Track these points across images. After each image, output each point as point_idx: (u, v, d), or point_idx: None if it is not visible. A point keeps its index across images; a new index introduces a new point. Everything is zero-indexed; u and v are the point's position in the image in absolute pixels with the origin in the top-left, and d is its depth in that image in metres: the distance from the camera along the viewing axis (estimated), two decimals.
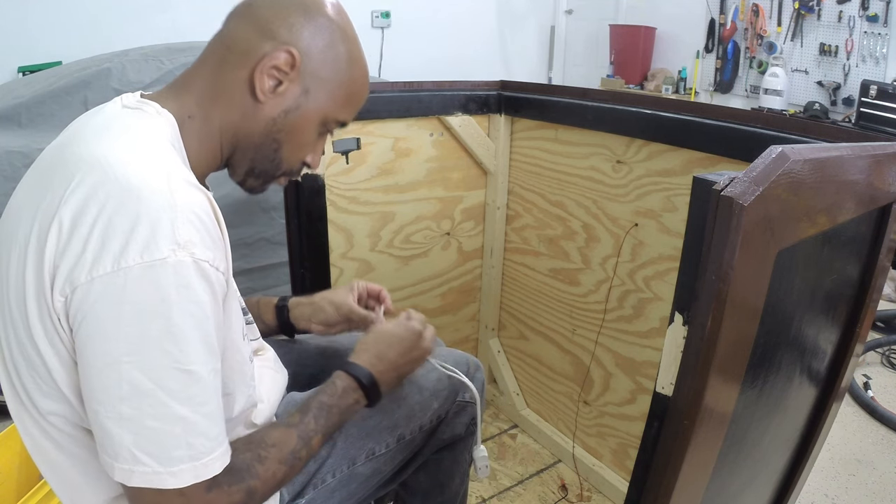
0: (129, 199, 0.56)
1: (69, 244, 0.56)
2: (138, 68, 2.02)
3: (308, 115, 0.73)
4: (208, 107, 0.71)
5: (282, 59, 0.69)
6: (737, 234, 0.58)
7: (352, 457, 0.91)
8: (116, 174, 0.58)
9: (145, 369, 0.56)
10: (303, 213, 1.35)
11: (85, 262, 0.55)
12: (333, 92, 0.74)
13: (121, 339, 0.56)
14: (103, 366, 0.56)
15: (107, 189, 0.57)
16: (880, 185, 0.82)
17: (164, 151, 0.64)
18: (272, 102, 0.71)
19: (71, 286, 0.56)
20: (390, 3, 4.13)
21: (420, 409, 0.98)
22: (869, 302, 0.93)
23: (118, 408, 0.56)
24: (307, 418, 0.77)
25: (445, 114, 1.53)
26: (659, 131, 1.25)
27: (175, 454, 0.58)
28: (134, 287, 0.55)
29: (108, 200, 0.56)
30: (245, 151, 0.74)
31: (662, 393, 0.70)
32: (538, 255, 1.66)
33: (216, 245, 0.61)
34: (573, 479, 1.61)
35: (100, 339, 0.56)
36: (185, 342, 0.57)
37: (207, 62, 0.72)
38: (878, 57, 3.32)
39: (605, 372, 1.52)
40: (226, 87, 0.70)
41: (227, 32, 0.72)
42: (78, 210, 0.57)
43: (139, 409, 0.56)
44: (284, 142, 0.74)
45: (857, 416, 1.96)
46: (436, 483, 1.09)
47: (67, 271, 0.56)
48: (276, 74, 0.69)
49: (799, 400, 0.96)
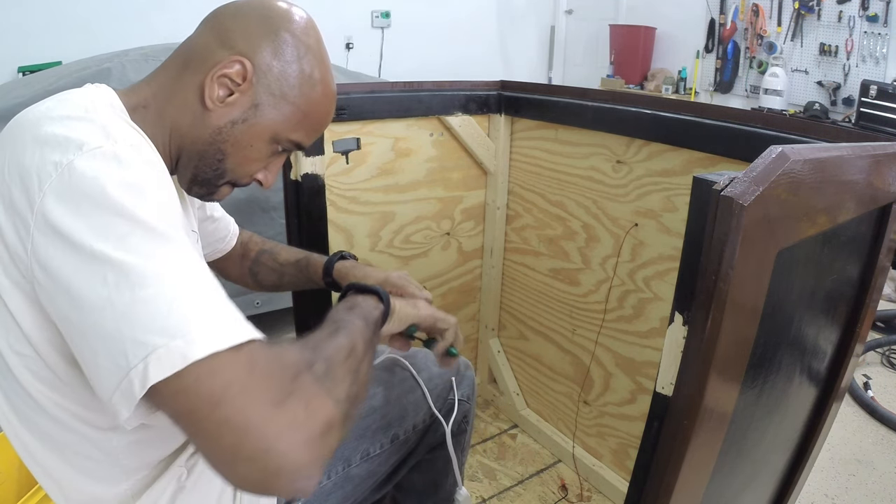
0: (68, 133, 0.55)
1: (22, 184, 0.53)
2: (138, 68, 2.02)
3: (256, 130, 0.70)
4: (162, 104, 0.70)
5: (233, 69, 0.67)
6: (737, 234, 0.58)
7: (347, 458, 0.91)
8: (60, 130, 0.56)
9: (122, 246, 0.50)
10: (303, 213, 1.35)
11: (34, 184, 0.53)
12: (287, 110, 0.71)
13: (86, 233, 0.50)
14: (82, 273, 0.50)
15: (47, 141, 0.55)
16: (880, 185, 0.82)
17: (101, 106, 0.62)
18: (220, 111, 0.69)
19: (32, 215, 0.52)
20: (390, 3, 4.13)
21: (413, 408, 0.98)
22: (869, 302, 0.93)
23: (111, 311, 0.48)
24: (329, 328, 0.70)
25: (445, 114, 1.53)
26: (659, 131, 1.25)
27: (189, 322, 0.48)
28: (78, 178, 0.52)
29: (48, 140, 0.55)
30: (190, 157, 0.72)
31: (662, 393, 0.70)
32: (538, 255, 1.66)
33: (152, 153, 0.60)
34: (573, 479, 1.61)
35: (69, 250, 0.51)
36: (149, 212, 0.52)
37: (171, 64, 0.72)
38: (878, 57, 3.32)
39: (605, 372, 1.52)
40: (181, 89, 0.70)
41: (193, 37, 0.72)
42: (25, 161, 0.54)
43: (130, 291, 0.48)
44: (229, 153, 0.71)
45: (857, 416, 1.96)
46: (430, 483, 1.09)
47: (24, 204, 0.53)
48: (227, 84, 0.68)
49: (799, 400, 0.96)
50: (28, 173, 0.54)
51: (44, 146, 0.55)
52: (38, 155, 0.54)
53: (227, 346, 0.48)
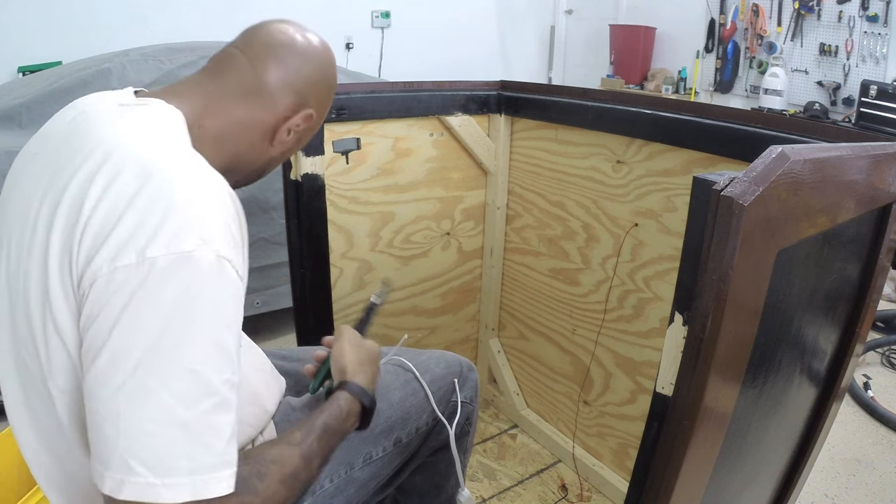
0: (159, 188, 0.56)
1: (98, 235, 0.55)
2: (138, 68, 2.02)
3: (291, 154, 0.86)
4: (220, 127, 0.73)
5: (304, 117, 0.78)
6: (737, 234, 0.58)
7: (349, 461, 0.91)
8: (143, 161, 0.58)
9: (154, 366, 0.53)
10: (303, 213, 1.35)
11: (109, 252, 0.54)
12: (313, 134, 0.85)
13: (133, 331, 0.53)
14: (110, 358, 0.53)
15: (140, 179, 0.56)
16: (880, 185, 0.82)
17: (188, 147, 0.65)
18: (278, 146, 0.79)
19: (92, 277, 0.54)
20: (390, 3, 4.13)
21: (416, 411, 0.98)
22: (869, 302, 0.93)
23: (116, 406, 0.53)
24: (310, 438, 0.72)
25: (445, 114, 1.53)
26: (659, 131, 1.25)
27: (172, 464, 0.53)
28: (155, 279, 0.53)
29: (139, 190, 0.56)
30: (235, 173, 0.76)
31: (662, 393, 0.70)
32: (538, 255, 1.66)
33: (237, 248, 0.60)
34: (573, 479, 1.61)
35: (111, 329, 0.53)
36: (200, 342, 0.55)
37: (228, 81, 0.74)
38: (878, 57, 3.32)
39: (605, 372, 1.52)
40: (243, 116, 0.74)
41: (255, 62, 0.74)
42: (108, 198, 0.56)
43: (139, 409, 0.53)
44: (266, 172, 0.84)
45: (857, 416, 1.96)
46: (432, 485, 1.09)
47: (90, 258, 0.55)
48: (293, 128, 0.78)
49: (799, 400, 0.96)
50: (109, 231, 0.55)
51: (137, 212, 0.55)
52: (129, 218, 0.55)
53: (192, 500, 0.53)
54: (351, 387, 0.83)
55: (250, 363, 0.89)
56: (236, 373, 0.58)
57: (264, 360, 0.95)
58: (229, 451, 0.57)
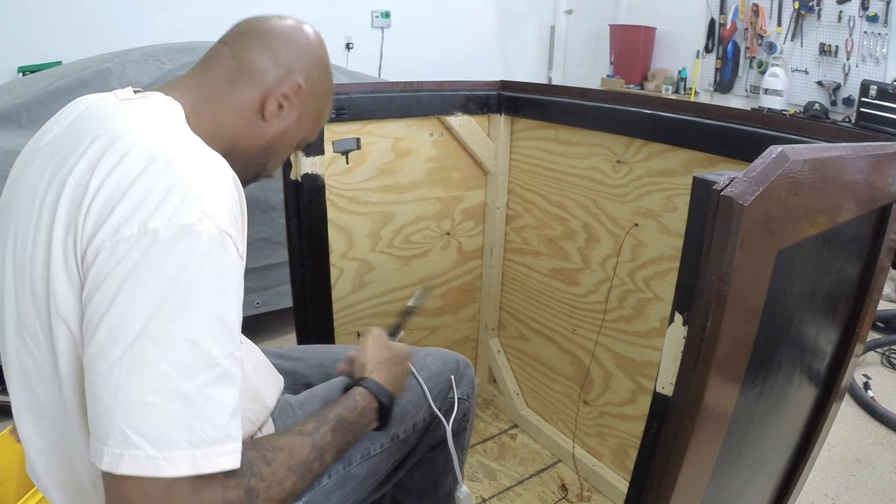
0: (163, 167, 0.57)
1: (102, 211, 0.56)
2: (138, 68, 2.02)
3: (296, 136, 0.83)
4: (214, 111, 0.74)
5: (291, 87, 0.77)
6: (737, 234, 0.58)
7: (347, 457, 0.91)
8: (148, 143, 0.59)
9: (154, 336, 0.52)
10: (303, 213, 1.35)
11: (112, 225, 0.55)
12: (314, 118, 0.84)
13: (133, 302, 0.53)
14: (110, 329, 0.53)
15: (140, 157, 0.58)
16: (880, 185, 0.82)
17: (188, 131, 0.66)
18: (273, 122, 0.78)
19: (96, 250, 0.55)
20: (390, 3, 4.13)
21: (413, 407, 0.99)
22: (869, 302, 0.93)
23: (116, 377, 0.52)
24: (323, 429, 0.73)
25: (445, 114, 1.53)
26: (659, 131, 1.25)
27: (173, 436, 0.52)
28: (157, 250, 0.54)
29: (144, 169, 0.57)
30: (238, 157, 0.76)
31: (662, 393, 0.70)
32: (538, 255, 1.66)
33: (238, 227, 0.61)
34: (573, 479, 1.61)
35: (112, 300, 0.53)
36: (200, 314, 0.55)
37: (215, 72, 0.76)
38: (878, 57, 3.32)
39: (605, 372, 1.52)
40: (233, 100, 0.75)
41: (237, 51, 0.77)
42: (113, 176, 0.57)
43: (139, 380, 0.52)
44: (273, 156, 0.82)
45: (857, 416, 1.96)
46: (430, 481, 1.09)
47: (94, 233, 0.56)
48: (283, 101, 0.77)
49: (799, 400, 0.96)
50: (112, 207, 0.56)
51: (140, 189, 0.56)
52: (132, 194, 0.56)
53: (192, 474, 0.53)
54: (367, 383, 0.84)
55: (249, 360, 0.89)
56: (238, 348, 0.58)
57: (262, 358, 0.95)
58: (232, 426, 0.56)
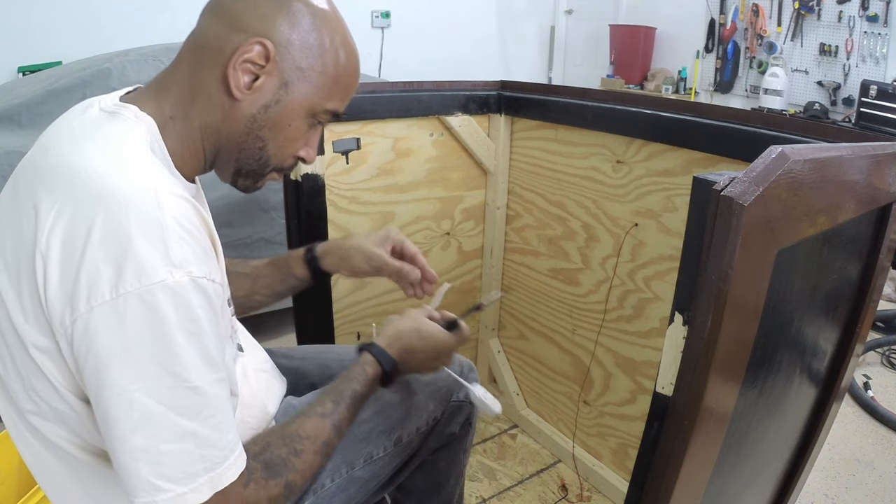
0: (118, 219, 0.54)
1: (64, 273, 0.55)
2: (138, 68, 2.02)
3: (291, 108, 0.69)
4: (187, 108, 0.68)
5: (255, 51, 0.64)
6: (737, 234, 0.58)
7: (350, 461, 0.91)
8: (99, 192, 0.56)
9: (153, 393, 0.56)
10: (303, 213, 1.35)
11: (81, 292, 0.54)
12: (317, 81, 0.69)
13: (126, 367, 0.55)
14: (114, 397, 0.55)
15: (90, 210, 0.55)
16: (880, 185, 0.82)
17: (146, 162, 0.61)
18: (249, 99, 0.67)
19: (71, 317, 0.55)
20: (390, 3, 4.13)
21: (416, 411, 0.98)
22: (869, 302, 0.93)
23: (132, 440, 0.56)
24: (340, 407, 0.79)
25: (445, 114, 1.53)
26: (659, 131, 1.25)
27: (191, 470, 0.58)
28: (134, 313, 0.54)
29: (94, 223, 0.54)
30: (229, 152, 0.70)
31: (662, 393, 0.70)
32: (538, 255, 1.66)
33: (209, 256, 0.61)
34: (573, 479, 1.61)
35: (105, 370, 0.55)
36: (188, 361, 0.57)
37: (183, 62, 0.69)
38: (878, 57, 3.32)
39: (605, 372, 1.52)
40: (202, 86, 0.67)
41: (198, 30, 0.69)
42: (64, 235, 0.55)
43: (153, 436, 0.56)
44: (269, 139, 0.70)
45: (857, 416, 1.96)
46: (432, 484, 1.09)
47: (64, 301, 0.55)
48: (251, 69, 0.65)
49: (799, 400, 0.96)
50: (75, 268, 0.54)
51: (99, 246, 0.54)
52: (91, 252, 0.54)
53: (215, 492, 0.59)
54: (374, 349, 0.87)
55: (252, 363, 0.89)
56: (222, 368, 0.61)
57: (266, 358, 0.95)
58: (232, 437, 0.62)
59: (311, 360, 1.09)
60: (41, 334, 0.58)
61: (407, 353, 0.89)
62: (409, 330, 0.90)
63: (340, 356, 1.10)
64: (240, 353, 0.86)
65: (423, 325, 0.91)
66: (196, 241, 0.59)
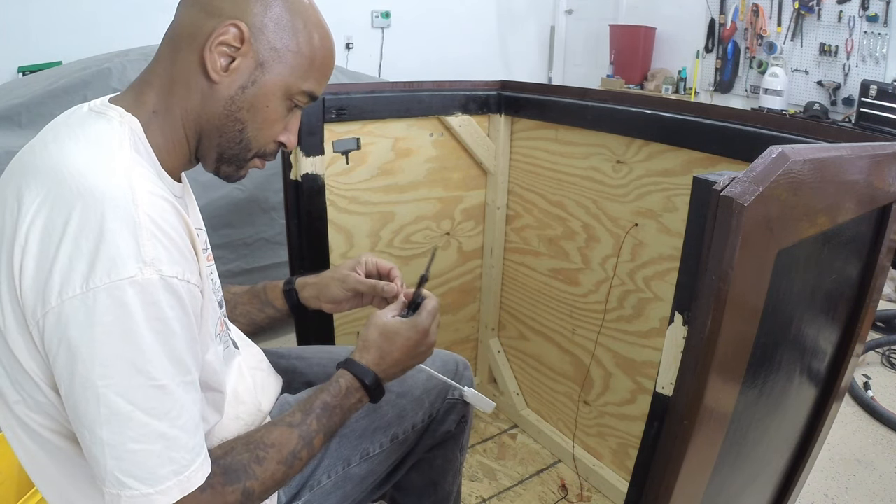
0: (93, 215, 0.55)
1: (39, 266, 0.56)
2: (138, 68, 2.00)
3: (268, 89, 0.69)
4: (168, 98, 0.69)
5: (230, 34, 0.66)
6: (737, 234, 0.58)
7: (346, 458, 0.91)
8: (78, 188, 0.57)
9: (121, 391, 0.56)
10: (303, 213, 1.35)
11: (53, 285, 0.55)
12: (292, 61, 0.70)
13: (95, 362, 0.55)
14: (82, 390, 0.56)
15: (68, 205, 0.56)
16: (880, 185, 0.82)
17: (126, 161, 0.62)
18: (227, 81, 0.68)
19: (42, 309, 0.55)
20: (390, 3, 4.13)
21: (412, 408, 0.99)
22: (869, 302, 0.93)
23: (99, 433, 0.56)
24: (309, 418, 0.77)
25: (445, 114, 1.53)
26: (659, 131, 1.25)
27: (160, 472, 0.58)
28: (103, 308, 0.54)
29: (70, 218, 0.56)
30: (210, 137, 0.71)
31: (662, 393, 0.70)
32: (538, 255, 1.66)
33: (184, 257, 0.61)
34: (573, 479, 1.61)
35: (74, 363, 0.56)
36: (155, 358, 0.57)
37: (162, 55, 0.70)
38: (878, 57, 3.32)
39: (605, 372, 1.52)
40: (180, 74, 0.68)
41: (175, 22, 0.70)
42: (42, 229, 0.56)
43: (120, 433, 0.56)
44: (248, 121, 0.71)
45: (857, 416, 1.96)
46: (429, 482, 1.09)
47: (37, 293, 0.55)
48: (227, 51, 0.66)
49: (799, 400, 0.96)
50: (50, 262, 0.55)
51: (74, 240, 0.55)
52: (66, 246, 0.55)
53: (181, 497, 0.59)
54: (348, 364, 0.84)
55: (248, 362, 0.89)
56: (192, 370, 0.62)
57: (262, 357, 0.96)
58: (199, 440, 0.62)
59: (308, 360, 1.09)
60: (17, 326, 0.58)
61: (382, 359, 0.85)
62: (374, 337, 0.85)
63: (338, 356, 1.10)
64: (236, 351, 0.86)
65: (385, 326, 0.86)
66: (171, 240, 0.59)
